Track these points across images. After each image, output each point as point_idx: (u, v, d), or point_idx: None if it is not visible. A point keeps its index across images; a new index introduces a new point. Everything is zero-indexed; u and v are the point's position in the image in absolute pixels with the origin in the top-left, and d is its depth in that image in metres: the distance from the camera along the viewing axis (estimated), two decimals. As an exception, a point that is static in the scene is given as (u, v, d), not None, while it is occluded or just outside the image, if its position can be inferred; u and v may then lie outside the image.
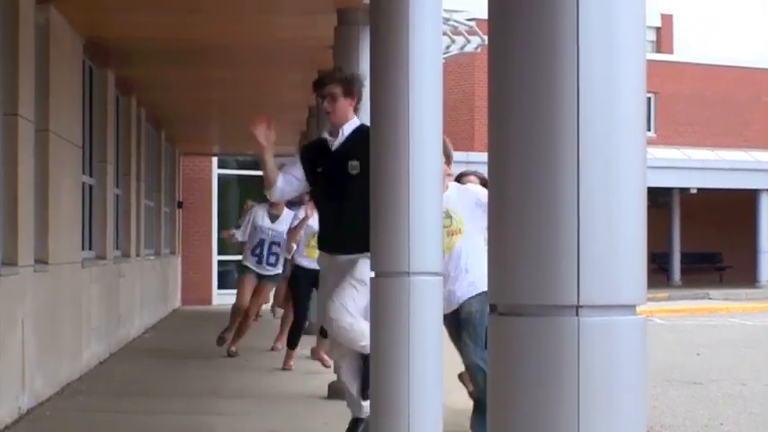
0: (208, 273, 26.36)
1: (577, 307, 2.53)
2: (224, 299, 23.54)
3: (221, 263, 26.48)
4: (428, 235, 5.92)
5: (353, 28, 9.71)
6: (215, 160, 26.62)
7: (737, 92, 39.95)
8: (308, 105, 15.38)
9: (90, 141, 12.62)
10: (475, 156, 27.74)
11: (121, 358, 13.40)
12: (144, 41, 12.22)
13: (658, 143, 36.55)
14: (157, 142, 20.34)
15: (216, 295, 26.14)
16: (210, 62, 13.48)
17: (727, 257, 38.93)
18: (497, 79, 2.67)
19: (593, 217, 2.53)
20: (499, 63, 2.67)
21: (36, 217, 9.27)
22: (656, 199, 34.76)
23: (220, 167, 26.99)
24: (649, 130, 36.53)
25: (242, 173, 27.38)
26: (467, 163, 24.15)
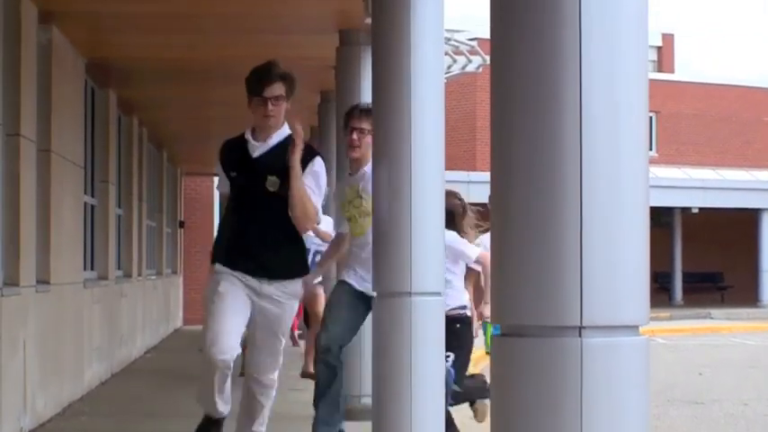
0: (209, 292, 26.28)
1: (580, 328, 2.52)
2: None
3: (223, 282, 26.39)
4: (430, 255, 5.92)
5: (355, 48, 9.73)
6: (216, 180, 26.56)
7: (739, 111, 39.96)
8: (311, 125, 15.37)
9: (92, 161, 12.61)
10: (476, 176, 27.74)
11: (123, 378, 13.37)
12: (146, 61, 12.23)
13: (660, 162, 36.52)
14: (159, 162, 20.34)
15: (218, 315, 26.04)
16: (212, 82, 13.48)
17: (728, 277, 38.86)
18: (499, 99, 2.68)
19: (595, 238, 2.53)
20: (501, 83, 2.67)
21: (38, 237, 9.26)
22: (658, 218, 34.70)
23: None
24: (651, 150, 36.43)
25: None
26: (468, 183, 24.22)
